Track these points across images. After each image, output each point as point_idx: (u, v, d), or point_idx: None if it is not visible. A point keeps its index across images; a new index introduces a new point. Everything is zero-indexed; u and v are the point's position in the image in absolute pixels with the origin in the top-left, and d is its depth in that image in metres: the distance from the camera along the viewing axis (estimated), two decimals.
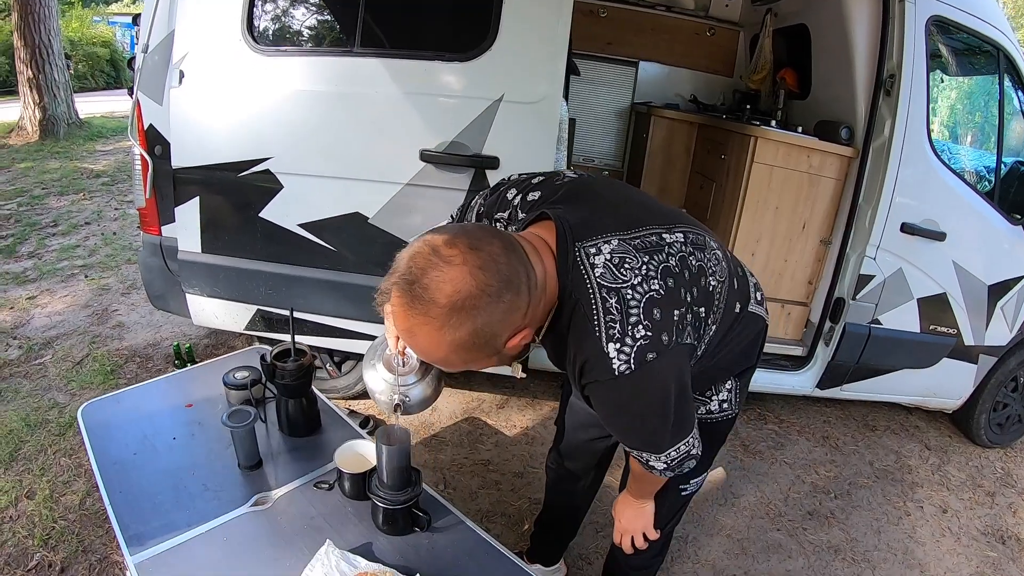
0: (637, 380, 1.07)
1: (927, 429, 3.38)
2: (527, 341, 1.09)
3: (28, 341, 3.58)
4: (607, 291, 1.06)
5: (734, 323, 1.35)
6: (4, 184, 6.60)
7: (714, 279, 1.23)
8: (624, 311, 1.05)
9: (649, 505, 1.59)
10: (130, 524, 1.47)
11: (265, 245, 2.60)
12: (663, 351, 1.07)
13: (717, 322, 1.27)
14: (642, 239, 1.13)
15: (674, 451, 1.23)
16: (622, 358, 1.05)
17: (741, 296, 1.37)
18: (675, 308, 1.10)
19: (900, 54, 2.50)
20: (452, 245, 0.99)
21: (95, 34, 16.04)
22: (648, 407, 1.14)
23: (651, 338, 1.05)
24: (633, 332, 1.04)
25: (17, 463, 2.63)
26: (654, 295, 1.07)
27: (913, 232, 2.65)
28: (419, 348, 1.06)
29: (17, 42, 8.09)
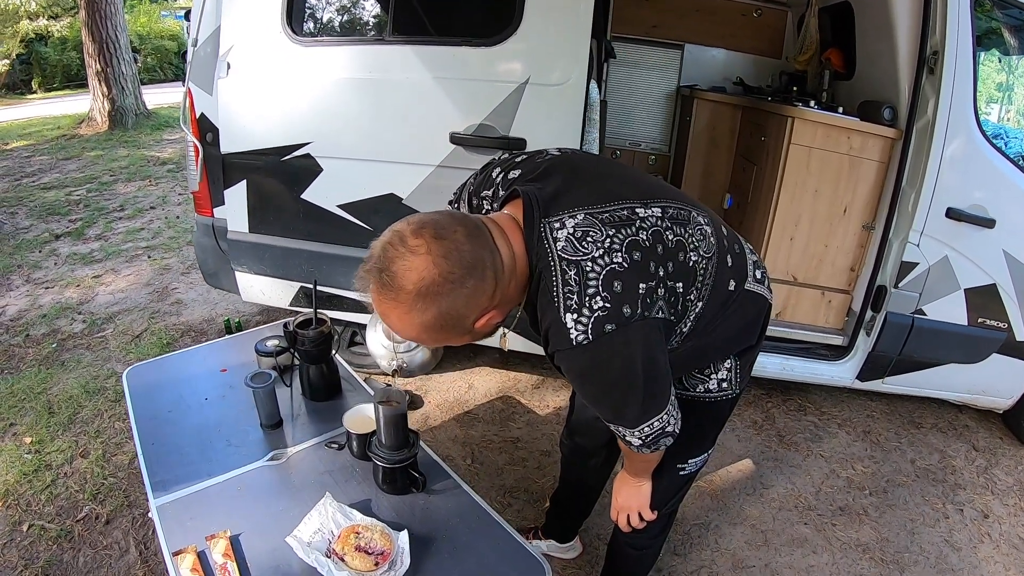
0: (595, 350, 1.10)
1: (977, 429, 3.23)
2: (496, 320, 1.15)
3: (92, 316, 3.81)
4: (567, 263, 1.10)
5: (728, 301, 1.35)
6: (75, 172, 6.98)
7: (695, 254, 1.23)
8: (582, 283, 1.08)
9: (646, 484, 1.58)
10: (157, 471, 1.64)
11: (307, 225, 2.73)
12: (623, 323, 1.09)
13: (703, 299, 1.27)
14: (611, 213, 1.16)
15: (647, 427, 1.23)
16: (579, 328, 1.08)
17: (736, 273, 1.36)
18: (640, 281, 1.11)
19: (944, 30, 2.39)
20: (418, 235, 1.05)
21: (163, 28, 16.71)
22: (612, 378, 1.15)
23: (609, 310, 1.08)
24: (590, 303, 1.08)
25: (75, 426, 2.84)
26: (615, 267, 1.09)
27: (960, 218, 2.54)
28: (394, 328, 1.12)
29: (86, 38, 8.47)
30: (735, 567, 2.33)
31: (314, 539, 1.42)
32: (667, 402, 1.23)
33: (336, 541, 1.40)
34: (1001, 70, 3.04)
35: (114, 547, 2.26)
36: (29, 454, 2.67)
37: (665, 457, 1.51)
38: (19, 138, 8.83)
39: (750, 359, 1.53)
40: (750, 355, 1.52)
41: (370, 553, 1.37)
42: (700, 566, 2.32)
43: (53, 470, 2.59)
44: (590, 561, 2.31)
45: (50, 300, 4.03)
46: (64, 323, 3.76)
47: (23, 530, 2.31)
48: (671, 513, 1.82)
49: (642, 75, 4.46)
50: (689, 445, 1.53)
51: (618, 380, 1.15)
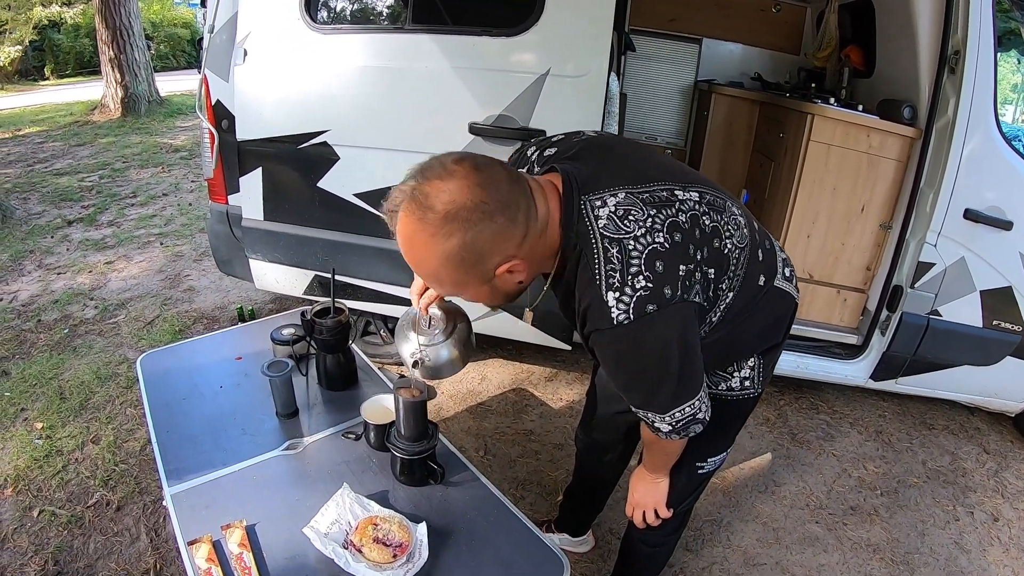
0: (636, 331, 1.08)
1: (988, 432, 3.21)
2: (520, 279, 1.13)
3: (104, 302, 3.82)
4: (609, 241, 1.08)
5: (757, 295, 1.32)
6: (87, 158, 7.00)
7: (730, 243, 1.21)
8: (625, 261, 1.07)
9: (663, 481, 1.57)
10: (171, 460, 1.64)
11: (322, 213, 2.72)
12: (664, 304, 1.07)
13: (735, 290, 1.25)
14: (652, 194, 1.14)
15: (678, 412, 1.21)
16: (621, 307, 1.06)
17: (766, 269, 1.34)
18: (681, 263, 1.10)
19: (965, 29, 2.37)
20: (459, 162, 1.05)
21: (176, 15, 16.74)
22: (648, 360, 1.14)
23: (652, 289, 1.06)
24: (633, 282, 1.06)
25: (87, 411, 2.85)
26: (657, 247, 1.08)
27: (977, 219, 2.53)
28: (415, 259, 1.10)
29: (99, 24, 8.50)
30: (746, 564, 2.32)
31: (331, 530, 1.42)
32: (699, 387, 1.21)
33: (354, 532, 1.40)
34: (1017, 71, 3.01)
35: (125, 534, 2.26)
36: (40, 440, 2.68)
37: (684, 455, 1.50)
38: (32, 124, 8.86)
39: (773, 358, 1.50)
40: (773, 354, 1.49)
41: (388, 545, 1.36)
42: (712, 562, 2.31)
43: (64, 456, 2.60)
44: (603, 555, 2.31)
45: (62, 286, 4.04)
46: (76, 309, 3.77)
47: (34, 516, 2.32)
48: (686, 512, 1.79)
49: (659, 69, 4.43)
50: (709, 444, 1.51)
51: (654, 362, 1.14)
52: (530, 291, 1.27)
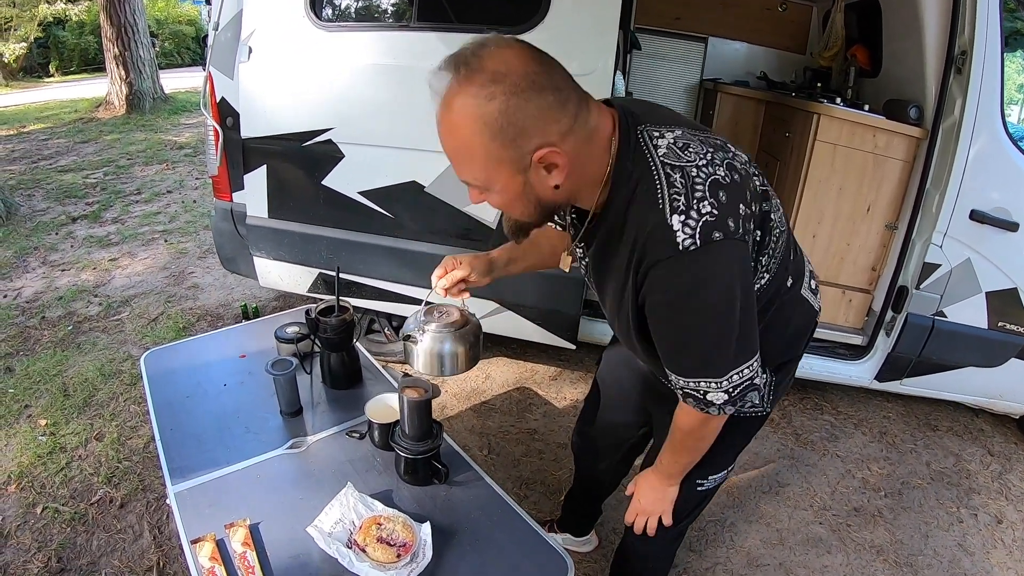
0: (701, 259, 1.00)
1: (992, 434, 3.21)
2: (556, 182, 1.04)
3: (108, 299, 3.83)
4: (671, 167, 1.03)
5: (782, 294, 1.26)
6: (92, 155, 7.01)
7: (775, 216, 1.15)
8: (689, 186, 1.01)
9: (673, 489, 1.48)
10: (175, 457, 1.64)
11: (327, 211, 2.73)
12: (729, 235, 1.00)
13: (770, 272, 1.18)
14: (708, 137, 1.10)
15: (737, 374, 1.11)
16: (687, 231, 0.99)
17: (795, 270, 1.28)
18: (740, 202, 1.03)
19: (972, 29, 2.36)
20: (518, 41, 1.01)
21: (180, 13, 16.73)
22: (711, 301, 1.05)
23: (718, 217, 0.99)
24: (699, 206, 0.99)
25: (90, 408, 2.86)
26: (719, 179, 1.02)
27: (983, 220, 2.52)
28: (448, 127, 1.00)
29: (104, 21, 8.49)
30: (750, 565, 2.32)
31: (335, 529, 1.41)
32: (757, 346, 1.14)
33: (357, 532, 1.40)
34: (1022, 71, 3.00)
35: (128, 531, 2.27)
36: (44, 436, 2.68)
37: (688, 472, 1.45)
38: (36, 121, 8.87)
39: (785, 376, 1.42)
40: (786, 371, 1.42)
41: (392, 545, 1.36)
42: (715, 563, 2.31)
43: (67, 453, 2.60)
44: (606, 555, 2.30)
45: (66, 282, 4.04)
46: (80, 306, 3.77)
47: (37, 512, 2.33)
48: (683, 530, 1.72)
49: (665, 67, 4.42)
50: (710, 461, 1.43)
51: (716, 303, 1.05)
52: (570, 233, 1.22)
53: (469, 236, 2.58)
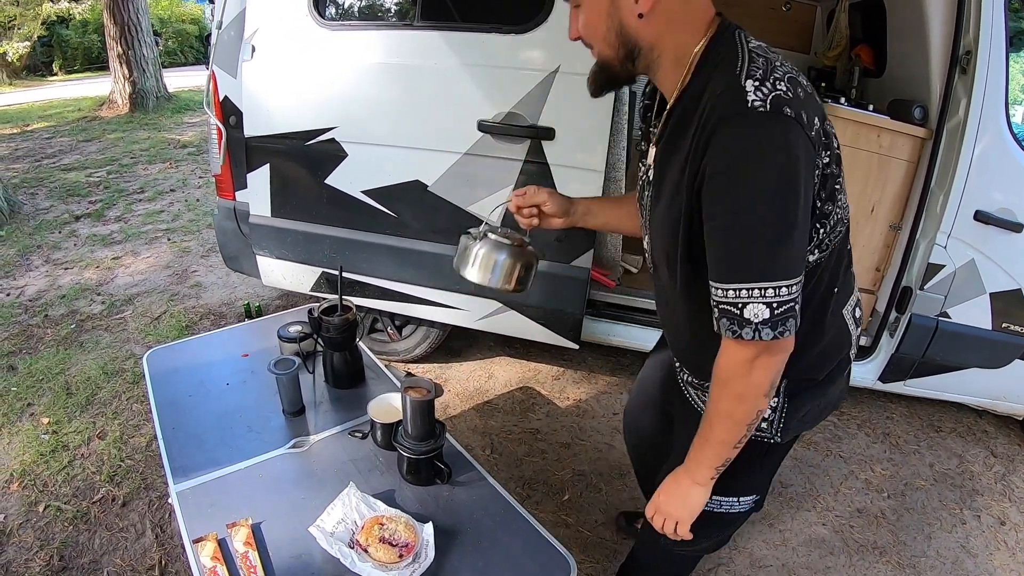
0: (768, 124, 0.96)
1: (996, 435, 3.20)
2: (642, 11, 1.05)
3: (111, 298, 3.84)
4: (757, 55, 1.03)
5: (825, 297, 1.20)
6: (95, 153, 7.02)
7: (841, 197, 1.12)
8: (768, 69, 1.00)
9: (696, 491, 1.29)
10: (177, 457, 1.64)
11: (330, 210, 2.72)
12: (800, 121, 0.97)
13: (821, 251, 1.13)
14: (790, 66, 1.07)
15: (784, 286, 1.01)
16: (759, 95, 0.96)
17: (845, 284, 1.23)
18: (813, 110, 1.02)
19: (977, 29, 2.35)
20: None
21: (184, 11, 16.76)
22: (771, 174, 0.98)
23: (792, 98, 0.97)
24: (774, 83, 0.98)
25: (93, 407, 2.87)
26: (799, 81, 1.02)
27: (987, 221, 2.50)
28: None
29: (107, 20, 8.50)
30: (752, 566, 2.32)
31: (337, 529, 1.41)
32: (802, 267, 1.05)
33: (360, 532, 1.39)
34: None
35: (130, 529, 2.27)
36: (46, 435, 2.69)
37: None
38: (40, 119, 8.88)
39: (800, 405, 1.29)
40: (801, 399, 1.28)
41: (394, 545, 1.36)
42: (718, 563, 2.31)
43: (70, 451, 2.61)
44: (609, 555, 2.30)
45: (69, 281, 4.05)
46: (83, 304, 3.78)
47: (39, 511, 2.33)
48: (697, 554, 1.67)
49: None
50: (718, 481, 1.29)
51: (775, 182, 0.98)
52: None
53: None
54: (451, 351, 3.43)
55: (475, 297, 2.70)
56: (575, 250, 2.51)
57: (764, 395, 1.13)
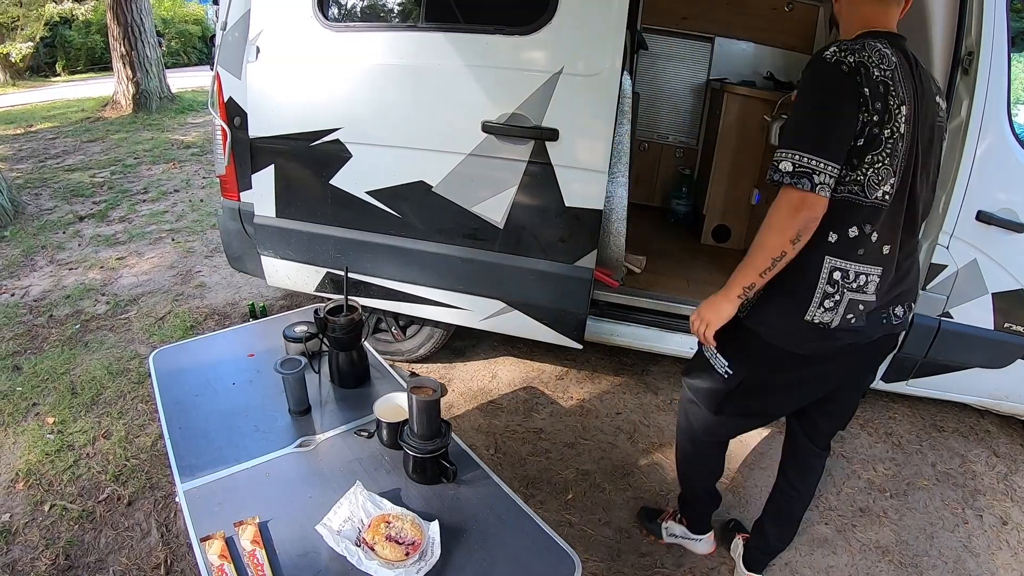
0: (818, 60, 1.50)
1: (998, 435, 3.20)
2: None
3: (115, 298, 3.85)
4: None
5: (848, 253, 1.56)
6: (99, 154, 7.03)
7: (895, 123, 1.49)
8: (849, 49, 1.49)
9: (726, 306, 1.65)
10: (184, 456, 1.65)
11: (335, 211, 2.73)
12: (844, 63, 1.46)
13: (840, 186, 1.51)
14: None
15: (806, 157, 1.44)
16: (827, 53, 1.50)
17: (841, 247, 1.55)
18: (871, 66, 1.46)
19: (979, 30, 2.36)
20: None
21: (187, 12, 16.79)
22: (808, 83, 1.53)
23: (839, 53, 1.48)
24: (845, 55, 1.47)
25: (98, 407, 2.88)
26: (862, 50, 1.49)
27: (990, 221, 2.50)
28: None
29: (111, 21, 8.52)
30: None
31: (344, 527, 1.43)
32: (828, 154, 1.44)
33: (366, 530, 1.41)
34: None
35: (136, 529, 2.28)
36: (52, 434, 2.70)
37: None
38: (43, 120, 8.90)
39: (765, 306, 1.68)
40: (769, 305, 1.67)
41: (400, 543, 1.37)
42: (721, 562, 2.31)
43: (75, 451, 2.62)
44: (612, 555, 2.31)
45: (74, 281, 4.06)
46: (88, 304, 3.79)
47: (45, 510, 2.34)
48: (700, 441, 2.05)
49: (671, 67, 4.42)
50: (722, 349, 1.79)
51: (810, 84, 1.52)
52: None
53: (476, 236, 2.58)
54: (455, 351, 3.44)
55: (479, 297, 2.71)
56: (579, 250, 2.51)
57: (790, 240, 1.50)
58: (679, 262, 3.67)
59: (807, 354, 1.67)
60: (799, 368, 1.72)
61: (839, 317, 1.58)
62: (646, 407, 3.13)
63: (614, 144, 2.38)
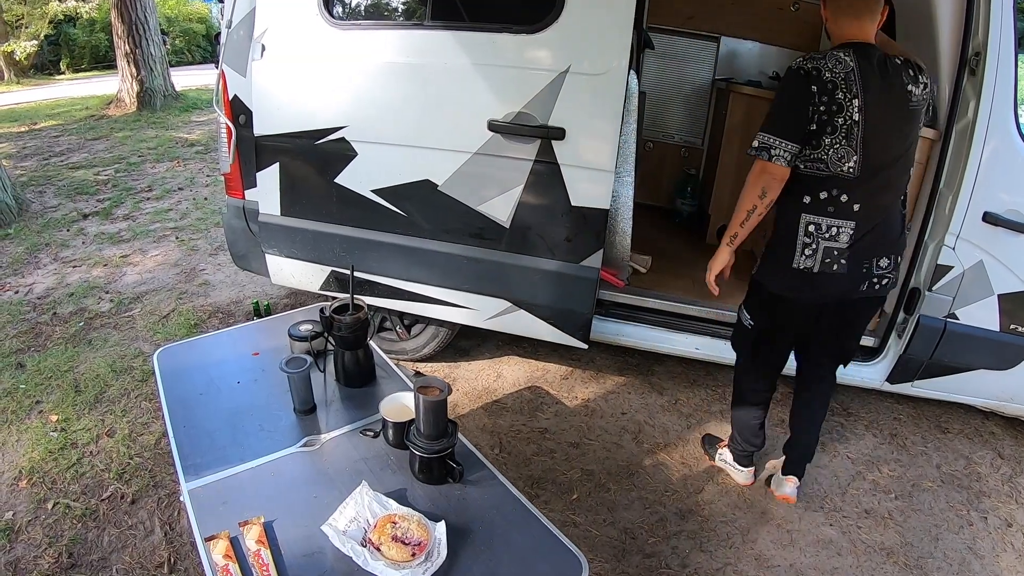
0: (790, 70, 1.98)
1: (1003, 436, 3.18)
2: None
3: (119, 296, 3.85)
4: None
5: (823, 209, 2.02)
6: (103, 152, 7.03)
7: (845, 115, 1.91)
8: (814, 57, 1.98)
9: (725, 251, 2.18)
10: (189, 455, 1.65)
11: (340, 209, 2.73)
12: (801, 68, 1.94)
13: (800, 160, 1.99)
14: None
15: (770, 137, 1.96)
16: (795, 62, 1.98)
17: (815, 206, 2.02)
18: (823, 68, 1.92)
19: (986, 30, 2.35)
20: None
21: (191, 10, 16.78)
22: (779, 87, 2.06)
23: (801, 63, 1.95)
24: (807, 60, 1.96)
25: (101, 405, 2.88)
26: (819, 60, 1.95)
27: (996, 223, 2.50)
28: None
29: (115, 19, 8.51)
30: (760, 566, 2.31)
31: (349, 528, 1.42)
32: (786, 136, 1.94)
33: (372, 530, 1.40)
34: None
35: (139, 527, 2.28)
36: (55, 432, 2.70)
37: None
38: (48, 118, 8.90)
39: (765, 264, 2.20)
40: (768, 262, 2.18)
41: (407, 543, 1.36)
42: (725, 563, 2.31)
43: (79, 448, 2.62)
44: (617, 555, 2.31)
45: (78, 279, 4.07)
46: (91, 302, 3.79)
47: (48, 508, 2.34)
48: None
49: (676, 67, 4.41)
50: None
51: (779, 90, 2.06)
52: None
53: (482, 235, 2.58)
54: (460, 350, 3.44)
55: (484, 296, 2.71)
56: (584, 250, 2.51)
57: (757, 196, 2.01)
58: (684, 262, 3.66)
59: (789, 296, 2.16)
60: (784, 311, 2.22)
61: (818, 263, 2.03)
62: (651, 407, 3.12)
63: (620, 143, 2.38)
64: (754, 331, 2.33)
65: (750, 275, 2.30)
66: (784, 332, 2.33)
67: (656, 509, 2.51)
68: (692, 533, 2.42)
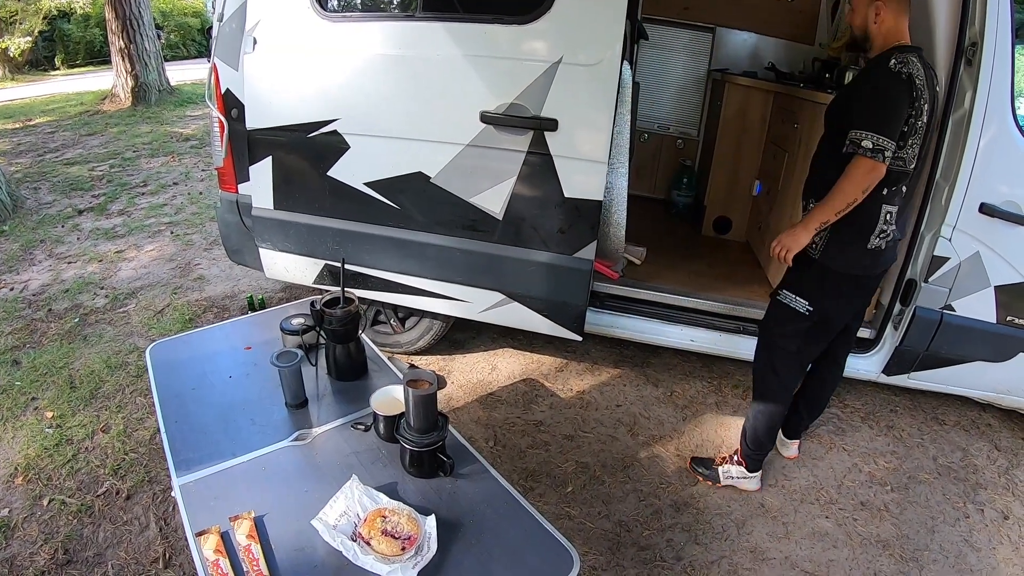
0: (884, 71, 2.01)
1: (999, 428, 3.18)
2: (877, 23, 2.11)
3: (114, 291, 3.84)
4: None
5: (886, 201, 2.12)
6: (98, 147, 7.02)
7: (923, 118, 2.03)
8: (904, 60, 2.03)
9: (803, 234, 2.14)
10: (181, 450, 1.64)
11: (333, 202, 2.72)
12: (902, 71, 1.98)
13: (904, 161, 2.08)
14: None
15: (880, 139, 1.94)
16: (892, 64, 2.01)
17: (891, 196, 2.13)
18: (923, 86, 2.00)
19: (983, 21, 2.33)
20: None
21: (185, 5, 16.76)
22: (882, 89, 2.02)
23: (900, 67, 1.99)
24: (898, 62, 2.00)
25: (96, 400, 2.87)
26: (905, 64, 2.00)
27: (993, 214, 2.49)
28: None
29: (109, 14, 8.50)
30: (755, 558, 2.31)
31: (340, 522, 1.41)
32: (893, 138, 1.96)
33: (362, 525, 1.40)
34: None
35: (134, 523, 2.28)
36: (50, 428, 2.69)
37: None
38: (42, 114, 8.89)
39: (831, 244, 2.18)
40: (837, 241, 2.17)
41: (397, 538, 1.36)
42: (721, 556, 2.30)
43: (74, 444, 2.61)
44: (612, 548, 2.30)
45: (73, 275, 4.06)
46: (86, 298, 3.78)
47: (44, 504, 2.34)
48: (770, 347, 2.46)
49: (672, 58, 4.40)
50: (789, 281, 2.33)
51: (884, 90, 2.01)
52: None
53: (475, 227, 2.57)
54: (454, 343, 3.43)
55: (478, 288, 2.70)
56: (578, 242, 2.50)
57: (862, 191, 2.01)
58: (680, 254, 3.66)
59: (860, 275, 2.22)
60: (852, 289, 2.27)
61: (885, 243, 2.17)
62: (646, 399, 3.12)
63: (614, 134, 2.36)
64: (813, 316, 2.30)
65: (808, 261, 2.22)
66: (843, 314, 2.37)
67: (651, 502, 2.51)
68: (687, 526, 2.42)
